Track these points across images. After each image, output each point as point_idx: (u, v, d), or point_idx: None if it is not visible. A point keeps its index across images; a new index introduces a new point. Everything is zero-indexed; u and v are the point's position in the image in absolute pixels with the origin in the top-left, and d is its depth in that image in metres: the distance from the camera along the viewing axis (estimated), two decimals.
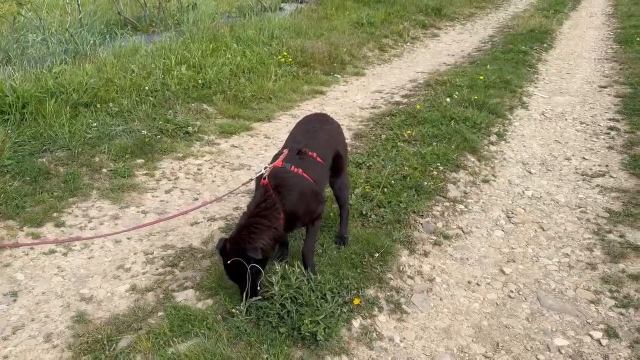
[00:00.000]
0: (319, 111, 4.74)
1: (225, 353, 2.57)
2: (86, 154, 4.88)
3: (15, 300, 3.09)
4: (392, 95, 7.60)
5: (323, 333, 2.75)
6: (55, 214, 3.98)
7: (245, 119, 6.38)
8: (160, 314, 2.96)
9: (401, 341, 2.93)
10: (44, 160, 4.64)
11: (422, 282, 3.45)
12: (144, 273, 3.38)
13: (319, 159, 3.20)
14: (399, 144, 5.34)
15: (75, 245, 3.64)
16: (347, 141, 5.63)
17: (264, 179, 3.02)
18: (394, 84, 8.25)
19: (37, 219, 3.87)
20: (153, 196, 4.43)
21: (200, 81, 6.89)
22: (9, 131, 4.76)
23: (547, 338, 2.99)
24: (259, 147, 5.69)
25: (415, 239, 3.85)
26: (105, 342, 2.72)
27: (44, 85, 5.45)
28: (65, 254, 3.55)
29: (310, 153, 3.17)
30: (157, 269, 3.42)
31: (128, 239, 3.76)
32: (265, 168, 3.10)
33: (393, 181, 4.45)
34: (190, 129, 5.75)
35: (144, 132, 5.45)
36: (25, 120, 5.11)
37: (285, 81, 7.65)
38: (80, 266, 3.43)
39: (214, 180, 4.83)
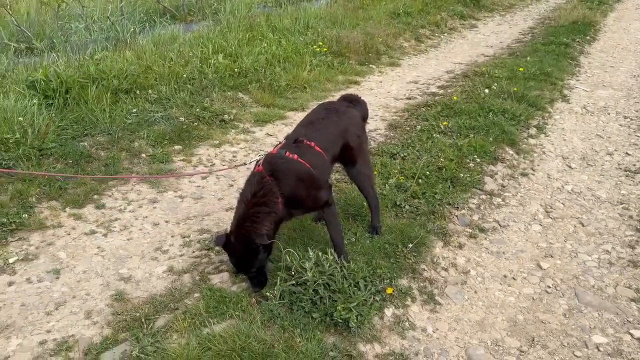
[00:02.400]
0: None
1: (259, 335, 2.60)
2: (126, 139, 4.99)
3: (58, 278, 3.20)
4: (428, 86, 7.50)
5: (355, 320, 2.76)
6: (95, 197, 4.10)
7: (280, 108, 6.41)
8: (196, 295, 3.02)
9: (434, 332, 2.91)
10: (86, 144, 4.78)
11: (457, 275, 3.41)
12: (180, 255, 3.45)
13: (317, 148, 3.16)
14: (434, 135, 5.27)
15: (115, 227, 3.74)
16: (380, 132, 5.62)
17: (258, 165, 3.05)
18: (430, 74, 8.14)
19: (78, 201, 3.99)
20: (190, 182, 4.50)
21: (236, 70, 6.94)
22: (53, 115, 4.91)
23: (584, 335, 2.92)
24: None
25: (450, 231, 3.80)
26: (143, 321, 2.80)
27: (86, 72, 5.59)
28: (105, 235, 3.65)
29: (307, 142, 3.14)
30: (194, 252, 3.48)
31: (166, 222, 3.85)
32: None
33: (428, 172, 4.41)
34: (226, 116, 5.81)
35: (182, 119, 5.54)
36: (68, 105, 5.26)
37: (320, 71, 7.63)
38: (120, 247, 3.53)
39: (249, 168, 4.86)
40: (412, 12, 11.33)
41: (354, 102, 3.72)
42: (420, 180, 4.27)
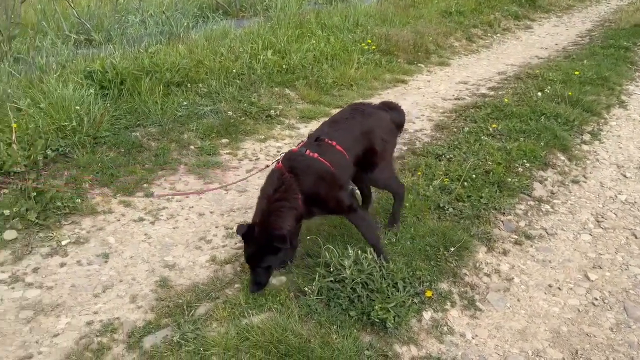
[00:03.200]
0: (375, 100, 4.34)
1: (296, 329, 2.63)
2: (176, 130, 5.13)
3: (106, 262, 3.33)
4: (478, 87, 7.34)
5: (393, 321, 2.75)
6: (145, 185, 4.23)
7: (325, 105, 6.43)
8: (236, 285, 3.08)
9: (473, 338, 2.86)
10: (138, 134, 4.93)
11: (499, 281, 3.33)
12: (223, 246, 3.52)
13: (338, 147, 3.10)
14: (482, 137, 5.16)
15: (162, 215, 3.86)
16: (426, 132, 5.54)
17: (278, 163, 3.05)
18: (481, 75, 7.96)
19: (129, 189, 4.13)
20: (235, 175, 4.58)
21: (284, 66, 7.01)
22: (108, 105, 5.10)
23: (632, 351, 2.80)
24: None
25: (495, 237, 3.72)
26: (185, 308, 2.88)
27: (140, 64, 5.77)
28: (152, 223, 3.77)
29: (328, 141, 3.10)
30: (236, 244, 3.54)
31: (211, 212, 3.93)
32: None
33: (474, 175, 4.32)
34: (272, 112, 5.89)
35: (230, 113, 5.64)
36: (123, 95, 5.45)
37: (367, 69, 7.60)
38: (166, 235, 3.63)
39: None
40: (464, 12, 11.12)
41: (391, 108, 3.61)
42: (465, 183, 4.19)
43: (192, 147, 4.95)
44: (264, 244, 2.83)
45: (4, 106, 4.43)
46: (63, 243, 3.43)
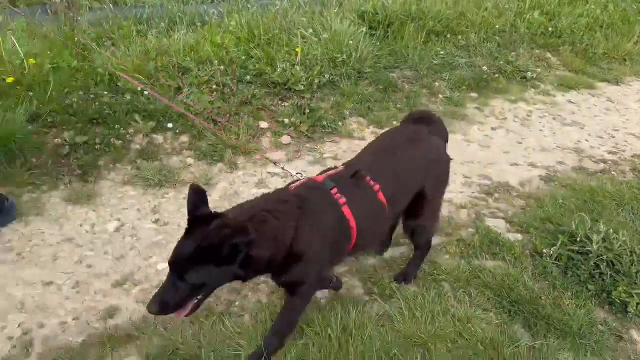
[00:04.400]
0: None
1: (528, 284, 2.66)
2: (429, 77, 5.29)
3: None
4: None
5: (635, 307, 2.59)
6: (394, 122, 4.53)
7: (590, 76, 5.92)
8: (470, 229, 3.19)
9: None
10: (395, 75, 5.23)
11: None
12: (460, 192, 3.64)
13: (380, 194, 2.18)
14: None
15: None
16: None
17: (291, 185, 2.17)
18: None
19: (380, 122, 4.48)
20: (479, 129, 4.60)
21: (550, 29, 6.56)
22: (374, 44, 5.47)
23: None
24: (598, 109, 5.25)
25: None
26: None
27: (407, 9, 5.98)
28: None
29: (371, 181, 2.18)
30: (473, 193, 3.64)
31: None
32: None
33: None
34: (528, 74, 5.65)
35: (484, 68, 5.58)
36: (387, 37, 5.77)
37: None
38: None
39: (542, 129, 4.73)
40: None
41: (429, 123, 2.58)
42: None
43: (440, 95, 5.08)
44: (216, 243, 1.72)
45: (293, 32, 5.12)
46: (324, 156, 3.94)
